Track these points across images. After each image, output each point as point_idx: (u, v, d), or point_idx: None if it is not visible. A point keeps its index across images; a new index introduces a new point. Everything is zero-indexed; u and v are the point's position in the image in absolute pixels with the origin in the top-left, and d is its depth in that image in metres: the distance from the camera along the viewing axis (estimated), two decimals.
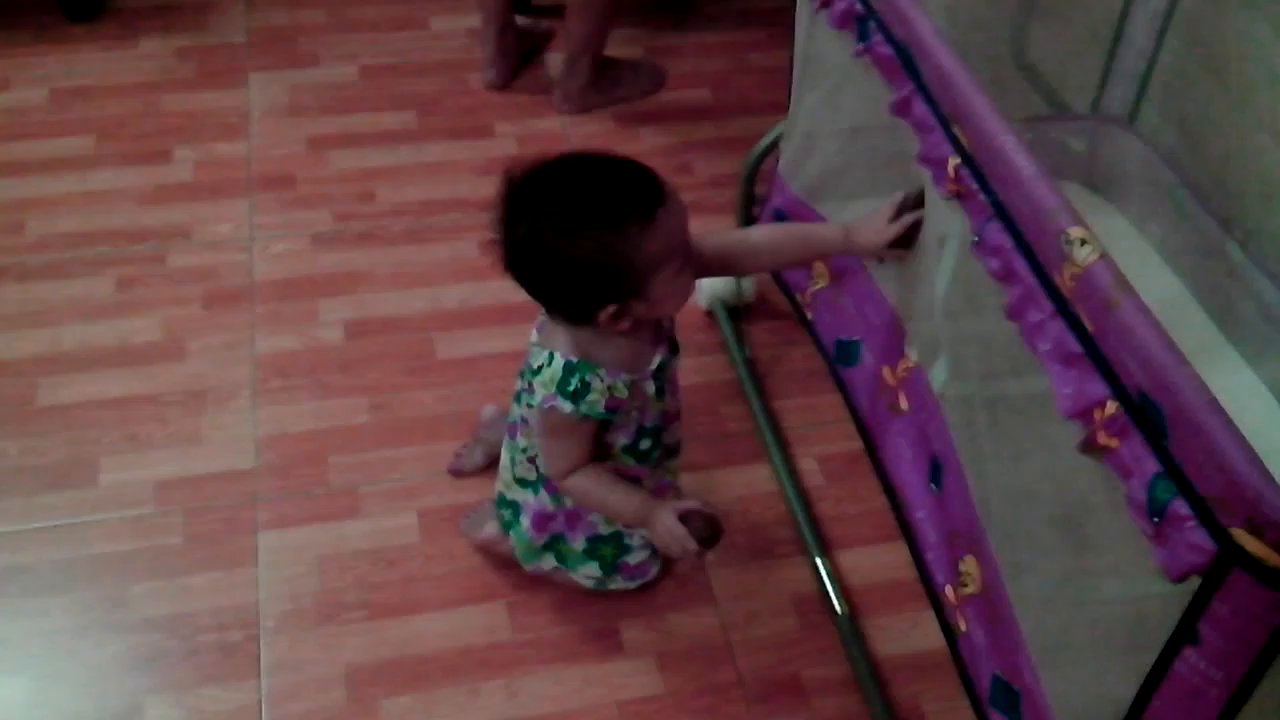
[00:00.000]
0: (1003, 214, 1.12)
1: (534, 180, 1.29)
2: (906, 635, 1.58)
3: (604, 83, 2.43)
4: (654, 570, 1.61)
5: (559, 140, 2.35)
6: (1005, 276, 1.11)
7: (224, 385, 1.86)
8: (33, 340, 1.91)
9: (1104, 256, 0.99)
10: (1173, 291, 1.70)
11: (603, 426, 1.40)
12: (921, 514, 1.40)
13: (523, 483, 1.53)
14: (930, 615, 1.42)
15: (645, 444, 1.45)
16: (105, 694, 1.49)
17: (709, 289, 1.98)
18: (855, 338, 1.58)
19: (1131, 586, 1.01)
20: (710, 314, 2.00)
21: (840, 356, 1.62)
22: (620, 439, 1.43)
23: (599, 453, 1.43)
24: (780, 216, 1.76)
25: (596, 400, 1.34)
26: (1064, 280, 1.02)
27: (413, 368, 1.90)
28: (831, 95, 1.55)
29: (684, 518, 1.38)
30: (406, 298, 2.02)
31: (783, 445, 1.80)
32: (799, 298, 1.73)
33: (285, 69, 2.49)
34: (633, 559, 1.57)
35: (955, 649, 1.35)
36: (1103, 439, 0.98)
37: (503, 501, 1.58)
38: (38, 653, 1.53)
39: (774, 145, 1.82)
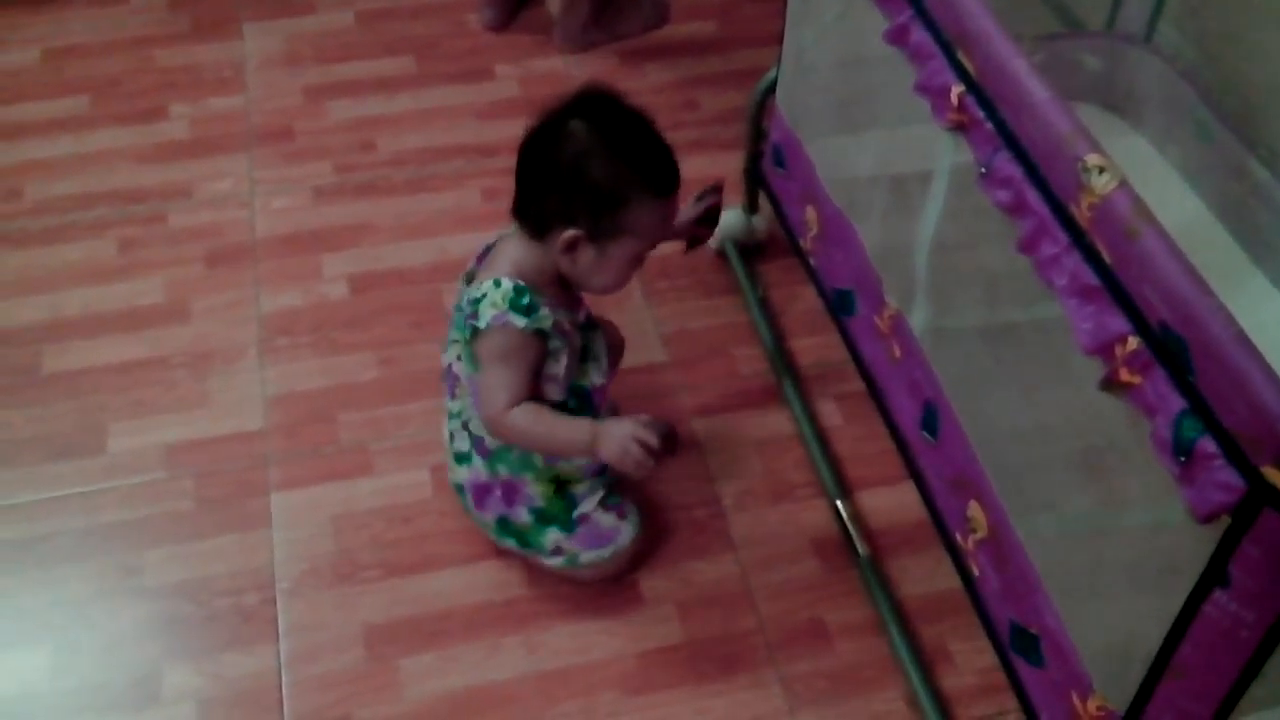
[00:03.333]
0: (1013, 143, 1.07)
1: (613, 103, 1.40)
2: (930, 575, 1.56)
3: (605, 19, 2.37)
4: (625, 533, 1.53)
5: (561, 80, 2.30)
6: (1016, 209, 1.06)
7: (230, 346, 1.84)
8: (35, 307, 1.89)
9: (1123, 184, 0.94)
10: (1196, 215, 1.65)
11: (542, 362, 1.40)
12: (925, 461, 1.37)
13: (460, 458, 1.52)
14: None
15: (573, 404, 1.45)
16: (124, 662, 1.48)
17: (720, 228, 1.92)
18: (849, 287, 1.54)
19: (1156, 527, 0.98)
20: (722, 254, 1.96)
21: (840, 306, 1.58)
22: (552, 392, 1.42)
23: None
24: (778, 152, 1.71)
25: (546, 315, 1.37)
26: (1081, 211, 0.98)
27: (420, 320, 1.87)
28: (823, 26, 1.50)
29: (638, 426, 1.35)
30: (411, 249, 1.98)
31: (799, 386, 1.77)
32: (802, 243, 1.69)
33: (280, 18, 2.44)
34: (587, 507, 1.52)
35: (974, 594, 1.32)
36: (1125, 376, 0.94)
37: (457, 488, 1.56)
38: (56, 623, 1.52)
39: None
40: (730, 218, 1.93)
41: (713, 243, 1.95)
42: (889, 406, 1.47)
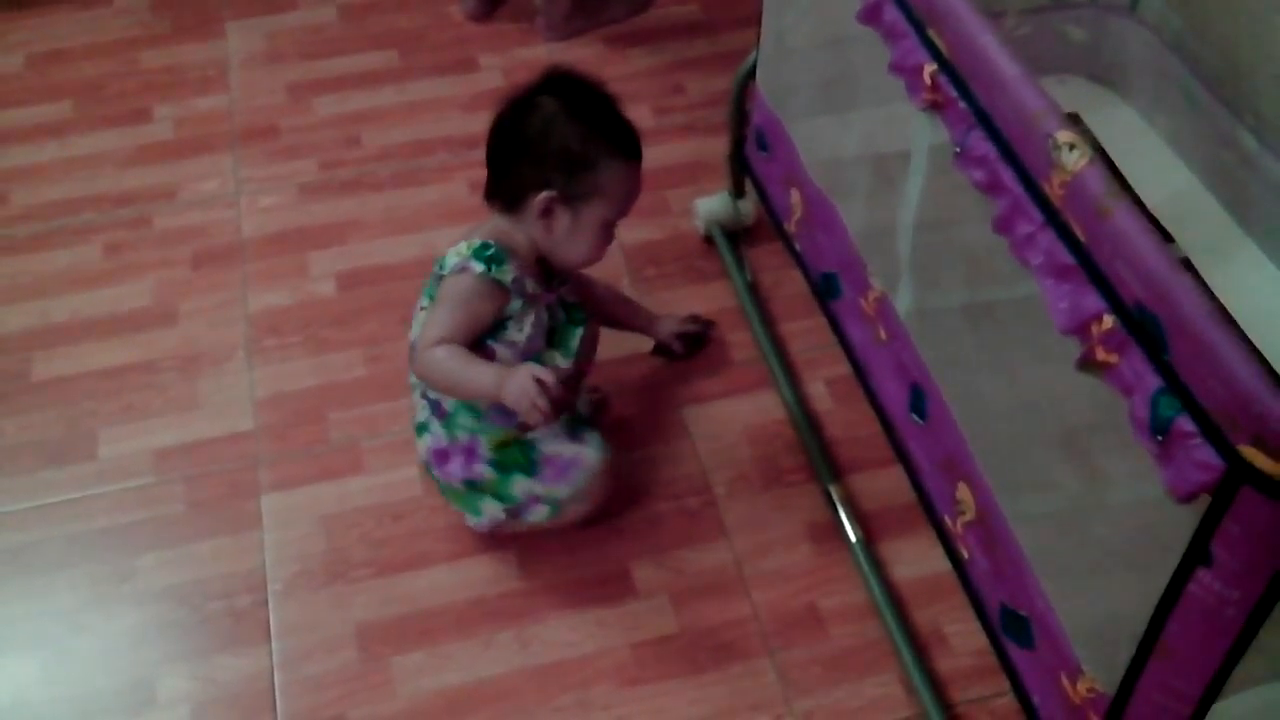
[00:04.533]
0: (986, 122, 1.05)
1: (577, 80, 1.48)
2: (923, 557, 1.55)
3: (589, 5, 2.35)
4: (589, 454, 1.50)
5: (536, 68, 2.27)
6: (991, 188, 1.05)
7: (218, 347, 1.83)
8: (24, 314, 1.88)
9: (1093, 161, 0.93)
10: (1186, 185, 1.64)
11: (493, 323, 1.43)
12: (913, 444, 1.36)
13: (420, 428, 1.54)
14: None
15: None
16: (118, 668, 1.48)
17: (705, 212, 1.92)
18: (834, 270, 1.53)
19: (1139, 506, 0.97)
20: (709, 239, 1.94)
21: (825, 289, 1.57)
22: (505, 357, 1.43)
23: None
24: (760, 135, 1.69)
25: (508, 270, 1.42)
26: (1053, 189, 0.96)
27: (408, 317, 1.83)
28: (800, 7, 1.49)
29: (540, 374, 1.33)
30: (398, 244, 1.97)
31: (789, 370, 1.76)
32: (786, 227, 1.68)
33: (262, 15, 2.42)
34: (547, 447, 1.50)
35: (964, 577, 1.31)
36: (1101, 355, 0.93)
37: (425, 466, 1.56)
38: (48, 630, 1.52)
39: None
40: (717, 202, 1.92)
41: (699, 227, 1.94)
42: (876, 389, 1.45)
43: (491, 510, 1.52)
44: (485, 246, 1.42)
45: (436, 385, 1.44)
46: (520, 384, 1.32)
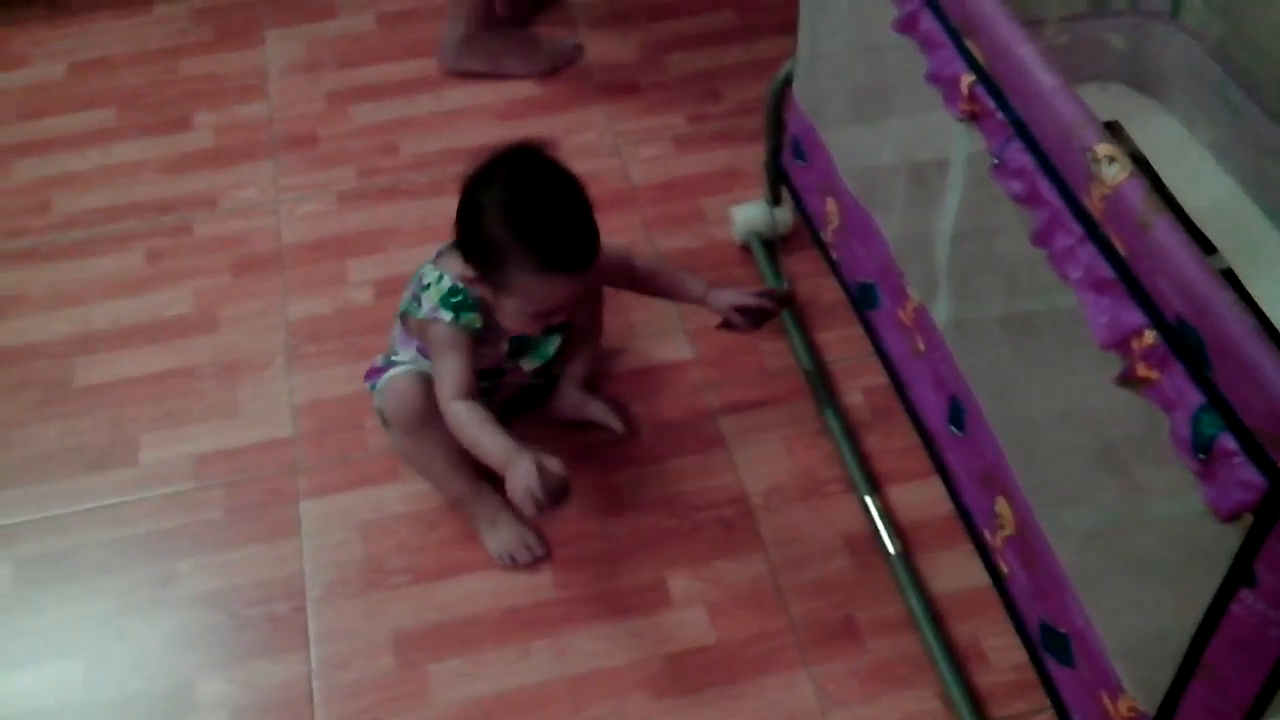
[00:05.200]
0: (1024, 133, 1.04)
1: (537, 168, 1.44)
2: (963, 571, 1.53)
3: (486, 50, 2.26)
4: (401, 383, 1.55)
5: (583, 76, 2.28)
6: (1029, 200, 1.04)
7: (258, 354, 1.84)
8: (66, 320, 1.90)
9: (1133, 174, 0.92)
10: (1227, 194, 1.61)
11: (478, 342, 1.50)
12: (952, 457, 1.35)
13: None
14: None
15: (485, 383, 1.54)
16: (157, 673, 1.50)
17: (742, 220, 1.92)
18: (871, 280, 1.52)
19: (1180, 523, 0.96)
20: (745, 248, 1.94)
21: (863, 299, 1.56)
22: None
23: None
24: (797, 143, 1.69)
25: (475, 318, 1.48)
26: (1093, 202, 0.95)
27: None
28: (837, 16, 1.48)
29: (541, 471, 1.36)
30: (433, 252, 1.97)
31: (826, 380, 1.75)
32: (823, 236, 1.67)
33: (302, 24, 2.44)
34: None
35: (1004, 592, 1.30)
36: (1142, 371, 0.92)
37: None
38: (89, 634, 1.53)
39: None
40: (753, 210, 1.91)
41: (736, 236, 1.94)
42: (914, 401, 1.44)
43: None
44: (453, 292, 1.48)
45: (458, 438, 1.47)
46: (523, 477, 1.35)
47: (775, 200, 1.88)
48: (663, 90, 2.25)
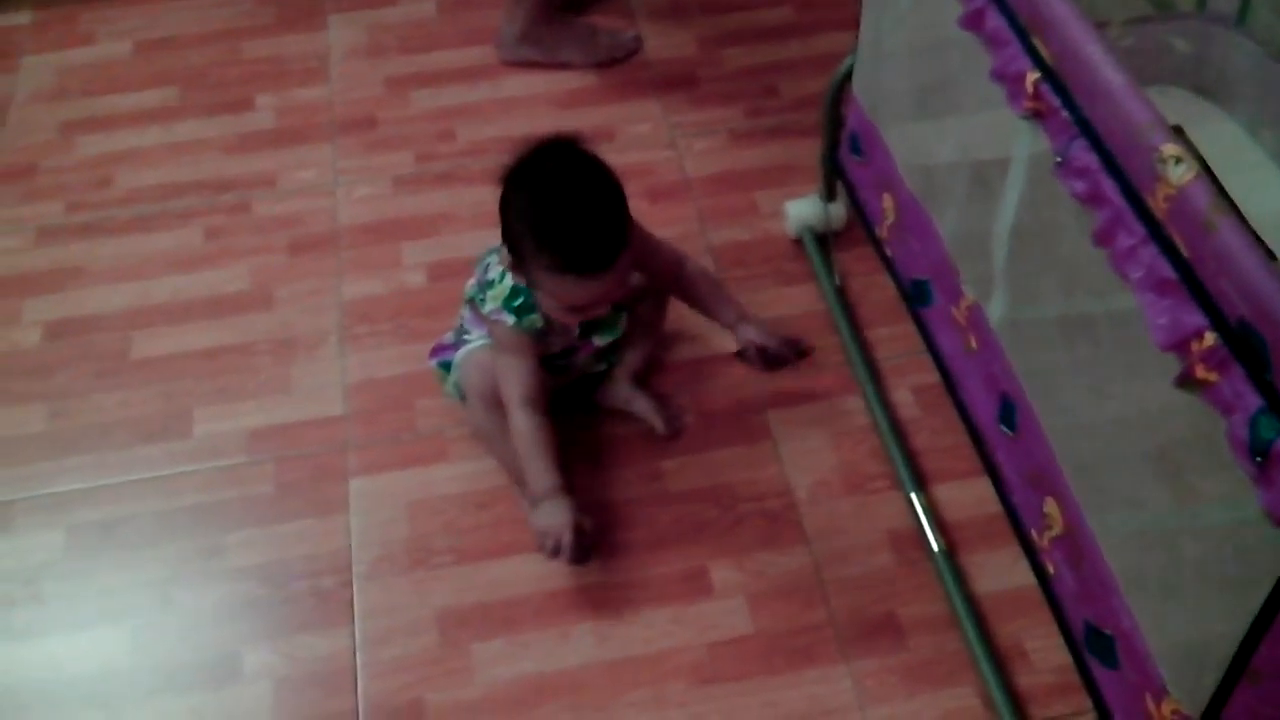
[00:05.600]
0: (1089, 131, 1.04)
1: (570, 164, 1.46)
2: (1007, 571, 1.53)
3: (543, 40, 2.28)
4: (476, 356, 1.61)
5: (641, 68, 2.29)
6: (1092, 199, 1.03)
7: (312, 333, 1.87)
8: (125, 294, 1.93)
9: (1200, 176, 0.91)
10: None
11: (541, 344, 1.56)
12: (1001, 456, 1.35)
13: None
14: None
15: (559, 361, 1.63)
16: (204, 642, 1.52)
17: (796, 214, 1.92)
18: (925, 276, 1.52)
19: (1233, 527, 0.95)
20: (798, 242, 1.94)
21: (916, 296, 1.56)
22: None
23: None
24: (854, 139, 1.69)
25: (537, 319, 1.52)
26: (1157, 202, 0.95)
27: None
28: (899, 11, 1.48)
29: (577, 530, 1.46)
30: (488, 238, 1.95)
31: (875, 376, 1.75)
32: (878, 232, 1.67)
33: (364, 9, 2.46)
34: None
35: (1049, 593, 1.30)
36: (1201, 373, 0.91)
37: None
38: (138, 602, 1.56)
39: None
40: (807, 205, 1.91)
41: (790, 230, 1.94)
42: (965, 399, 1.44)
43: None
44: (515, 293, 1.52)
45: (515, 443, 1.53)
46: (557, 526, 1.46)
47: (830, 195, 1.88)
48: (720, 84, 2.25)
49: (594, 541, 1.52)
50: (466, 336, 1.65)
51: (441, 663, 1.49)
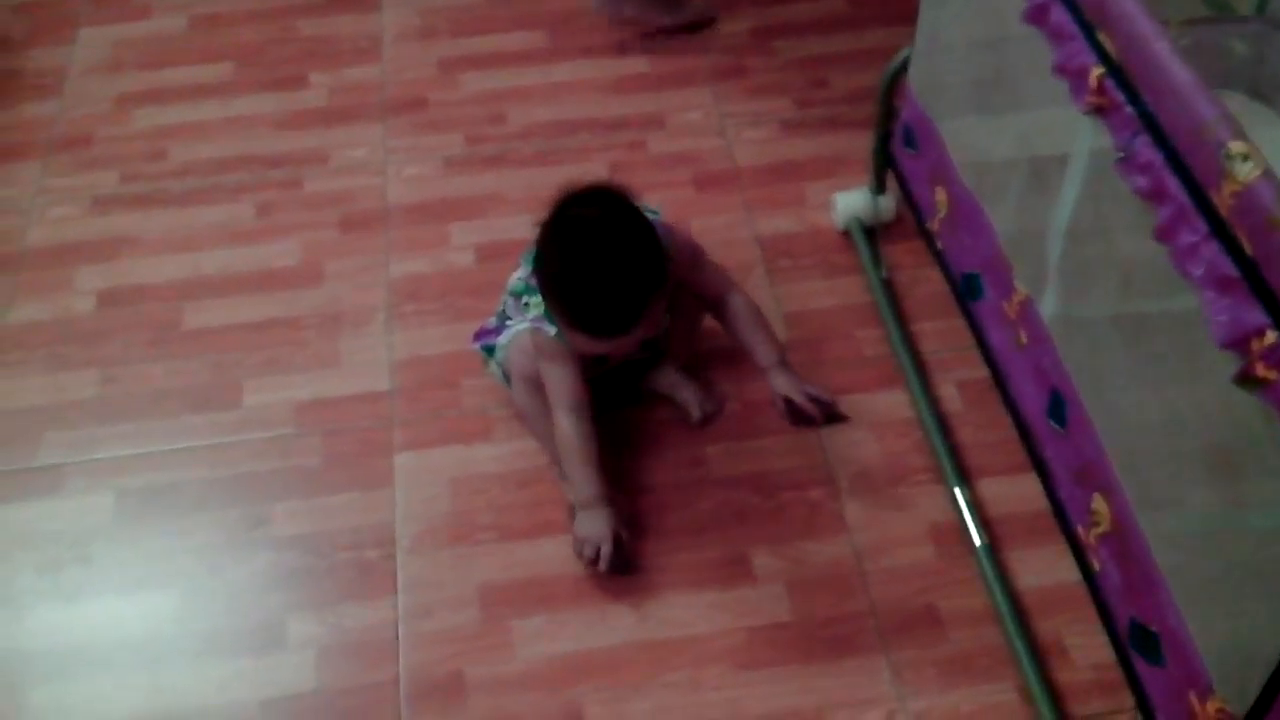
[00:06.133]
0: (1153, 127, 1.04)
1: (601, 215, 1.47)
2: (1049, 568, 1.53)
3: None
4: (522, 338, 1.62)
5: (693, 56, 2.30)
6: (1154, 195, 1.03)
7: (360, 309, 1.89)
8: (177, 265, 1.96)
9: (1267, 172, 0.91)
10: None
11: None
12: (1049, 451, 1.35)
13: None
14: None
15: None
16: (249, 609, 1.54)
17: (845, 206, 1.92)
18: (976, 270, 1.52)
19: None
20: (846, 234, 1.94)
21: (967, 290, 1.56)
22: None
23: None
24: (908, 132, 1.69)
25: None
26: (1221, 198, 0.95)
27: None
28: (961, 5, 1.48)
29: (616, 541, 1.51)
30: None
31: (920, 370, 1.75)
32: (930, 226, 1.67)
33: None
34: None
35: (1094, 589, 1.30)
36: (1261, 370, 0.92)
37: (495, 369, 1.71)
38: (185, 568, 1.58)
39: None
40: (856, 197, 1.92)
41: (838, 222, 1.94)
42: (1013, 394, 1.44)
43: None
44: None
45: (558, 446, 1.57)
46: (586, 537, 1.52)
47: (880, 188, 1.88)
48: (771, 74, 2.26)
49: (633, 553, 1.55)
50: (509, 321, 1.66)
51: (482, 637, 1.50)
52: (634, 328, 1.46)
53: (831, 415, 1.67)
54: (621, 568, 1.52)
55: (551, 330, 1.53)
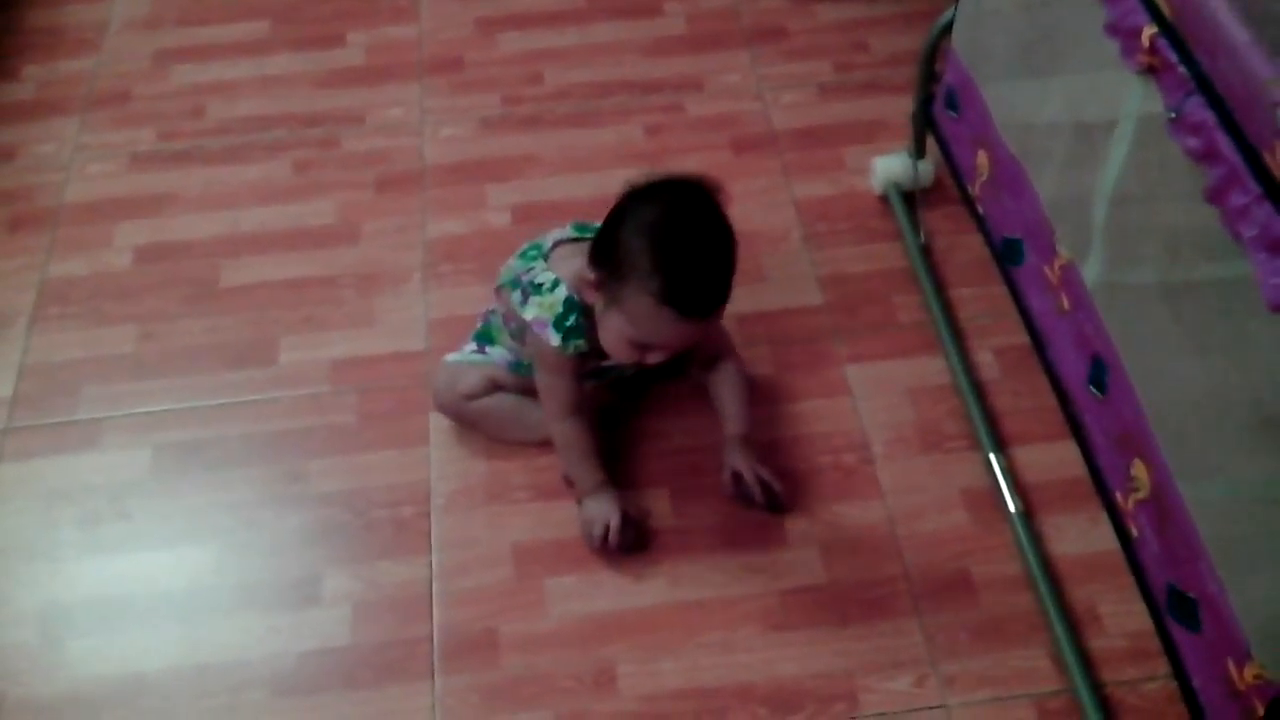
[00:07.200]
0: (1206, 87, 1.03)
1: (702, 207, 1.40)
2: (1084, 534, 1.52)
3: None
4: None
5: (730, 18, 2.28)
6: (1206, 157, 1.02)
7: (396, 268, 1.89)
8: (215, 222, 1.96)
9: None
10: None
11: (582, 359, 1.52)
12: (1089, 418, 1.34)
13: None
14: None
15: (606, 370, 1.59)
16: (286, 563, 1.55)
17: (883, 170, 1.91)
18: (1018, 235, 1.50)
19: None
20: (884, 199, 1.93)
21: (1007, 255, 1.54)
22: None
23: None
24: (951, 94, 1.67)
25: (581, 345, 1.48)
26: (1275, 159, 0.93)
27: None
28: None
29: (625, 518, 1.51)
30: (572, 183, 2.00)
31: (957, 336, 1.74)
32: (970, 190, 1.65)
33: None
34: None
35: (1131, 555, 1.29)
36: None
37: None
38: (223, 523, 1.60)
39: None
40: (895, 162, 1.90)
41: (875, 187, 1.93)
42: (1053, 359, 1.43)
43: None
44: (568, 310, 1.48)
45: (559, 452, 1.57)
46: (603, 515, 1.51)
47: (919, 152, 1.87)
48: (810, 37, 2.24)
49: (641, 533, 1.54)
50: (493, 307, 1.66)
51: (515, 595, 1.51)
52: (718, 313, 1.43)
53: (774, 504, 1.55)
54: (631, 544, 1.52)
55: (556, 340, 1.48)
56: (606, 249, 1.41)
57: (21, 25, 2.34)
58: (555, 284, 1.50)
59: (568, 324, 1.48)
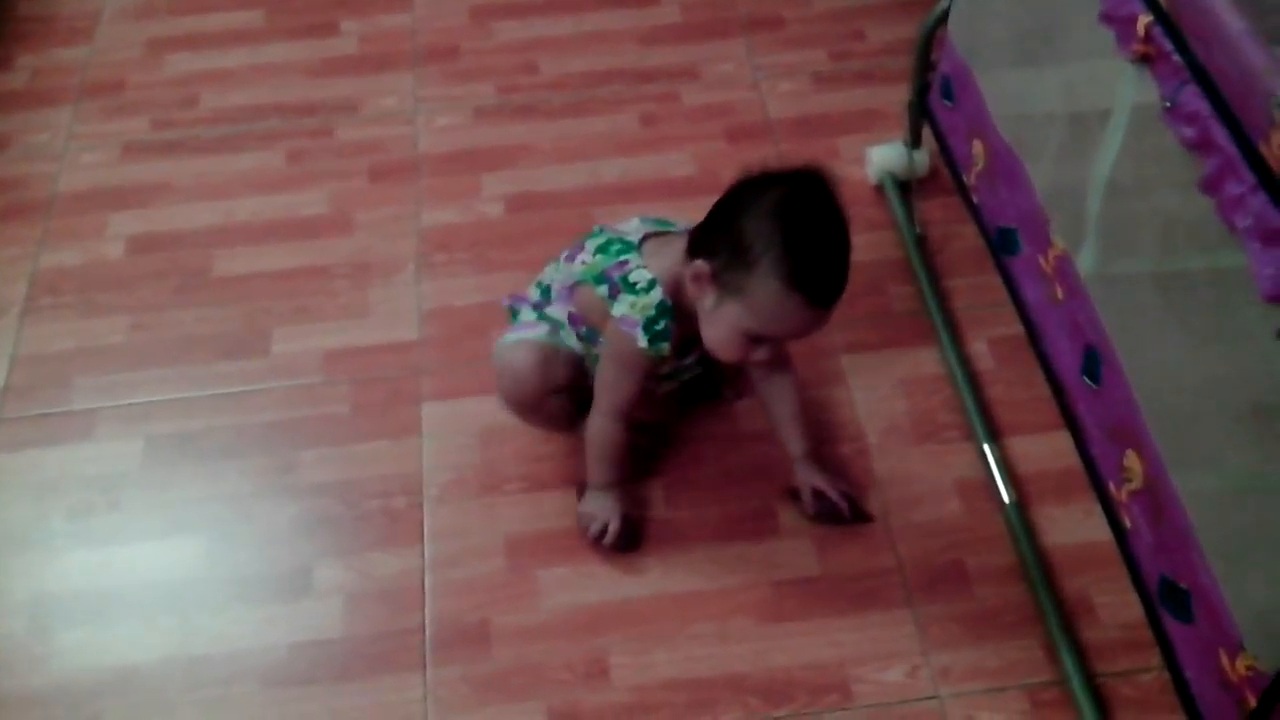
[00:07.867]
0: (1201, 76, 1.02)
1: (823, 190, 1.35)
2: (1078, 526, 1.52)
3: None
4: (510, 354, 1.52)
5: (725, 7, 2.27)
6: (1200, 146, 1.01)
7: (390, 258, 1.88)
8: (208, 212, 1.96)
9: None
10: None
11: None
12: (1082, 408, 1.33)
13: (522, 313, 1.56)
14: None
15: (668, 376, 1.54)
16: (277, 555, 1.55)
17: (879, 160, 1.90)
18: (1013, 225, 1.50)
19: None
20: (879, 188, 1.92)
21: (1002, 245, 1.54)
22: None
23: None
24: (946, 84, 1.66)
25: (665, 349, 1.42)
26: (1270, 149, 0.93)
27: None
28: None
29: (625, 521, 1.51)
30: (567, 172, 1.99)
31: (952, 326, 1.73)
32: (965, 179, 1.64)
33: None
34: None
35: (1124, 546, 1.29)
36: None
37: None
38: (214, 514, 1.59)
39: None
40: (891, 151, 1.89)
41: (870, 176, 1.92)
42: (1047, 350, 1.43)
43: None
44: (660, 314, 1.40)
45: (587, 442, 1.52)
46: (605, 513, 1.51)
47: (915, 142, 1.86)
48: (806, 26, 2.23)
49: (635, 540, 1.53)
50: (549, 310, 1.53)
51: (508, 586, 1.50)
52: (835, 305, 1.36)
53: (859, 514, 1.55)
54: (627, 544, 1.52)
55: (643, 341, 1.40)
56: (722, 238, 1.34)
57: (14, 14, 2.33)
58: (651, 285, 1.41)
59: (657, 328, 1.41)
